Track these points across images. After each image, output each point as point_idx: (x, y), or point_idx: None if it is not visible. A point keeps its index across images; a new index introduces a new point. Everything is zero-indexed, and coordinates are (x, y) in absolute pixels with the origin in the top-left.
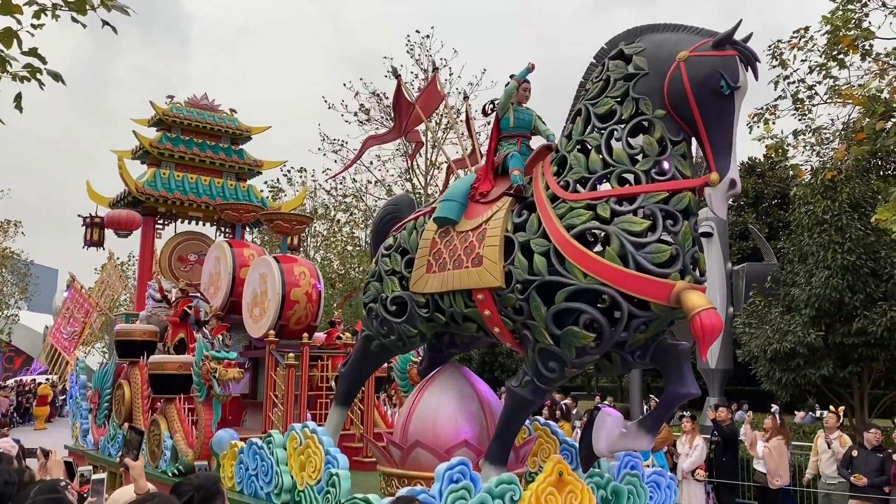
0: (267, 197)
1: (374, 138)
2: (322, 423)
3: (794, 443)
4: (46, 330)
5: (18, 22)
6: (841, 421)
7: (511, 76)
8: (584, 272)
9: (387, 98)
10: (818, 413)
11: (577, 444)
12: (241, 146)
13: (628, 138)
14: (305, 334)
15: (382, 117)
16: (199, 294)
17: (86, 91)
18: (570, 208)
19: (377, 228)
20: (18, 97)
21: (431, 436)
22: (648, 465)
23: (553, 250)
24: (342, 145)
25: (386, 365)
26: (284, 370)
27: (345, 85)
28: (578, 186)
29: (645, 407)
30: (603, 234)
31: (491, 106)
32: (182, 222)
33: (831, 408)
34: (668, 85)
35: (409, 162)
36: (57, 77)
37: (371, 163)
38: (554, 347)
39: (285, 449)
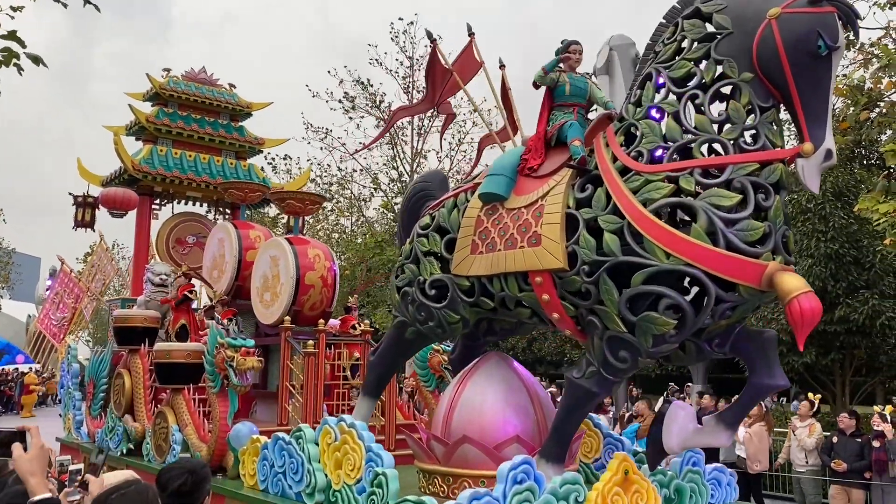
0: (268, 177)
1: (405, 109)
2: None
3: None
4: (30, 319)
5: None
6: (815, 409)
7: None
8: (666, 252)
9: (371, 86)
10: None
11: (620, 438)
12: (240, 123)
13: (710, 104)
14: (321, 321)
15: (368, 105)
16: (200, 278)
17: (64, 77)
18: (645, 181)
19: (407, 207)
20: None
21: (477, 430)
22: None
23: (627, 228)
24: (327, 133)
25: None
26: (303, 359)
27: (329, 73)
28: (654, 157)
29: (661, 399)
30: (682, 210)
31: None
32: (179, 203)
33: (810, 395)
34: (758, 45)
35: (441, 136)
36: (37, 60)
37: (356, 150)
38: (627, 335)
39: (317, 445)
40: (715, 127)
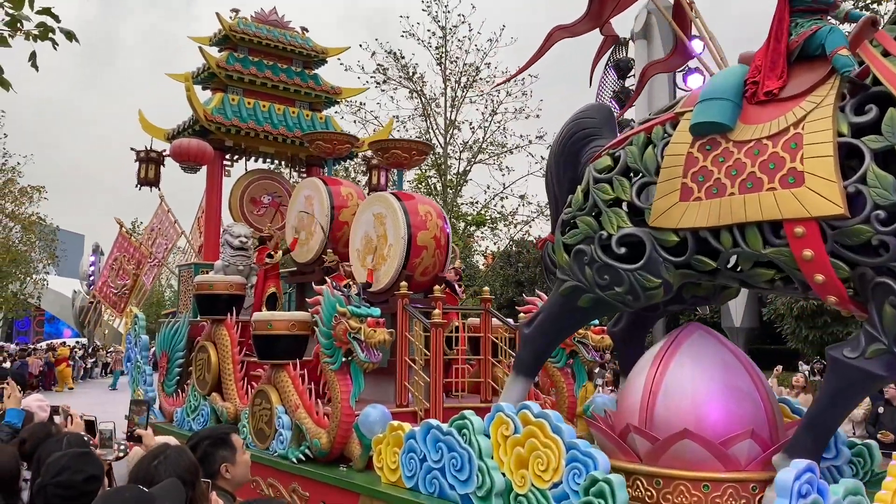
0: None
1: (563, 29)
2: (461, 394)
3: None
4: (75, 294)
5: None
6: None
7: None
8: None
9: (403, 58)
10: None
11: None
12: (314, 70)
13: None
14: (436, 287)
15: (400, 77)
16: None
17: (91, 54)
18: None
19: (565, 149)
20: (33, 56)
21: (692, 422)
22: None
23: None
24: (360, 107)
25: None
26: (428, 331)
27: (361, 46)
28: None
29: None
30: None
31: None
32: (249, 159)
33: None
34: None
35: (595, 63)
36: (70, 36)
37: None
38: None
39: (488, 437)
40: None
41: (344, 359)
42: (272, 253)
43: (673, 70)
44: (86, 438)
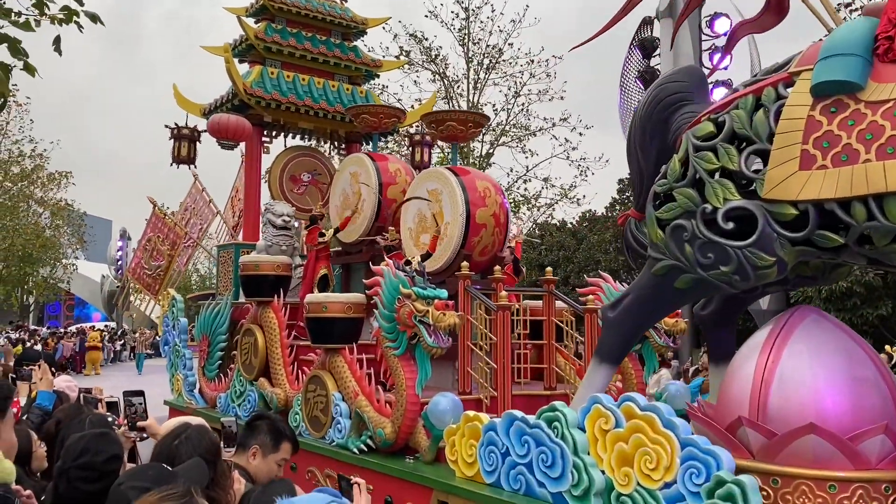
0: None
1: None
2: (523, 380)
3: None
4: (104, 279)
5: None
6: (893, 361)
7: None
8: None
9: (426, 39)
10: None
11: None
12: (353, 42)
13: None
14: (497, 267)
15: (423, 59)
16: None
17: (115, 39)
18: None
19: (652, 115)
20: (57, 40)
21: (813, 415)
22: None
23: None
24: (383, 89)
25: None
26: (493, 314)
27: (384, 28)
28: None
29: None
30: None
31: None
32: (287, 135)
33: (887, 348)
34: None
35: (681, 20)
36: (95, 18)
37: (412, 107)
38: None
39: (583, 430)
40: None
41: (410, 343)
42: (324, 232)
43: (764, 31)
44: (110, 419)
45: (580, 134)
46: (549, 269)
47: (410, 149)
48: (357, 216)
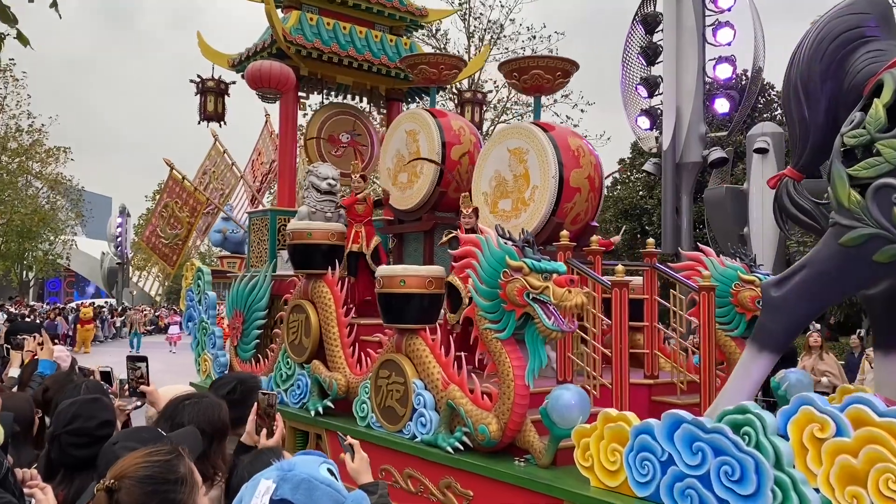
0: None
1: None
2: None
3: None
4: (104, 256)
5: None
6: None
7: None
8: None
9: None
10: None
11: None
12: None
13: None
14: (596, 237)
15: (424, 35)
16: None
17: (110, 13)
18: None
19: (824, 54)
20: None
21: None
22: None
23: None
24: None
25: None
26: (608, 291)
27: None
28: None
29: None
30: None
31: None
32: (321, 92)
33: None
34: None
35: None
36: None
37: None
38: None
39: (786, 439)
40: None
41: (521, 325)
42: (366, 198)
43: None
44: (105, 387)
45: (581, 111)
46: (650, 240)
47: (459, 108)
48: (414, 181)
